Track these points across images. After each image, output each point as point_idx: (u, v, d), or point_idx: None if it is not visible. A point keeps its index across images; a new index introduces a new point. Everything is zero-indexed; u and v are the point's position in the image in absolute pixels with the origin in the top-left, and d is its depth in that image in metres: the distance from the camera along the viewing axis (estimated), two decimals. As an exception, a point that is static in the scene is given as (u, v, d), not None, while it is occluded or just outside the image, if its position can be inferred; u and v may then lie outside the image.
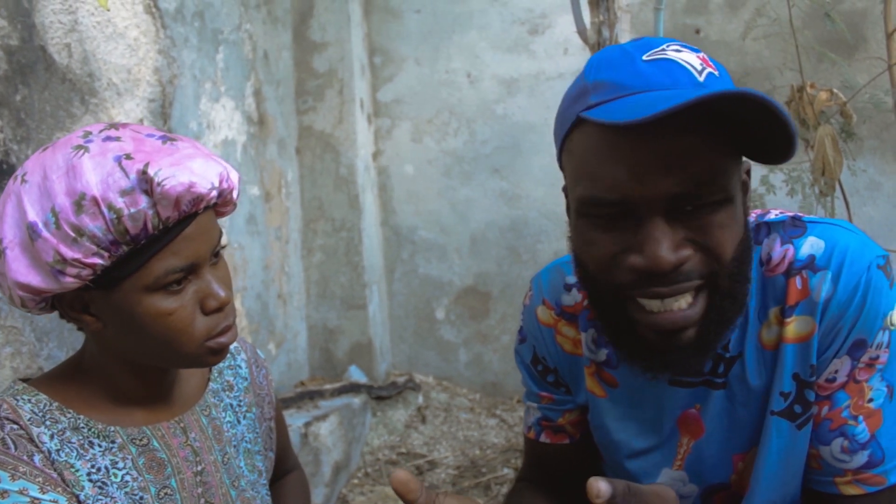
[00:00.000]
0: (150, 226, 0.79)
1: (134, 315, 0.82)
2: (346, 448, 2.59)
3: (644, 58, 0.77)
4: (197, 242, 0.83)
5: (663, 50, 0.78)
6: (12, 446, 0.81)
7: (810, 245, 0.85)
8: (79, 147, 0.80)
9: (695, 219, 0.76)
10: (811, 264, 0.84)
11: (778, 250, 0.87)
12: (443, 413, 3.02)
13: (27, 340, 1.36)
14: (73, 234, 0.77)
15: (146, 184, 0.77)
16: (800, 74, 2.02)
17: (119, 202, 0.77)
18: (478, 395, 3.16)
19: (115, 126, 0.84)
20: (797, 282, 0.84)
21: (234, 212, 1.01)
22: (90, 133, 0.82)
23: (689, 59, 0.78)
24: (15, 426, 0.82)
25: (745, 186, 0.83)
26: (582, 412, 1.06)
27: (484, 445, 2.80)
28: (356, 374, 2.91)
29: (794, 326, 0.84)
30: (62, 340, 1.45)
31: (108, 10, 1.65)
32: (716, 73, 0.78)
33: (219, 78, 2.27)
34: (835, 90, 1.98)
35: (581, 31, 2.02)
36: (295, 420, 2.40)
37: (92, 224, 0.77)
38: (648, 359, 0.83)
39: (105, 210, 0.76)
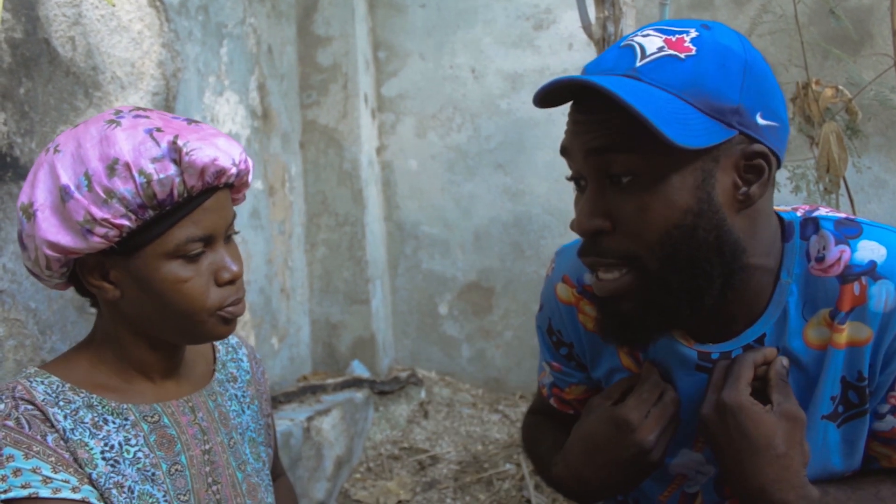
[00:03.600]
0: (175, 193, 0.84)
1: (152, 281, 0.87)
2: (348, 442, 2.59)
3: (621, 45, 0.84)
4: (215, 215, 0.89)
5: (635, 36, 0.83)
6: (26, 426, 0.84)
7: (870, 250, 0.84)
8: (111, 121, 0.86)
9: (620, 196, 0.81)
10: (872, 271, 0.83)
11: (833, 250, 0.86)
12: (445, 408, 3.03)
13: (30, 333, 1.36)
14: (103, 196, 0.83)
15: (175, 153, 0.84)
16: (805, 71, 2.01)
17: (150, 168, 0.83)
18: (480, 391, 3.16)
19: (142, 108, 0.91)
20: (855, 288, 0.84)
21: (241, 203, 1.04)
22: (121, 111, 0.89)
23: (650, 42, 0.81)
24: (30, 406, 0.86)
25: (741, 176, 0.82)
26: (588, 390, 1.08)
27: (486, 441, 2.81)
28: (359, 369, 2.92)
29: (847, 332, 0.84)
30: (65, 333, 1.45)
31: (114, 6, 1.65)
32: (681, 54, 0.79)
33: (223, 72, 2.27)
34: (840, 87, 1.97)
35: (586, 27, 2.02)
36: (297, 414, 2.41)
37: (123, 187, 0.82)
38: (603, 324, 0.90)
39: (136, 174, 0.83)
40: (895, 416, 0.86)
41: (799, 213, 0.91)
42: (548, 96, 0.83)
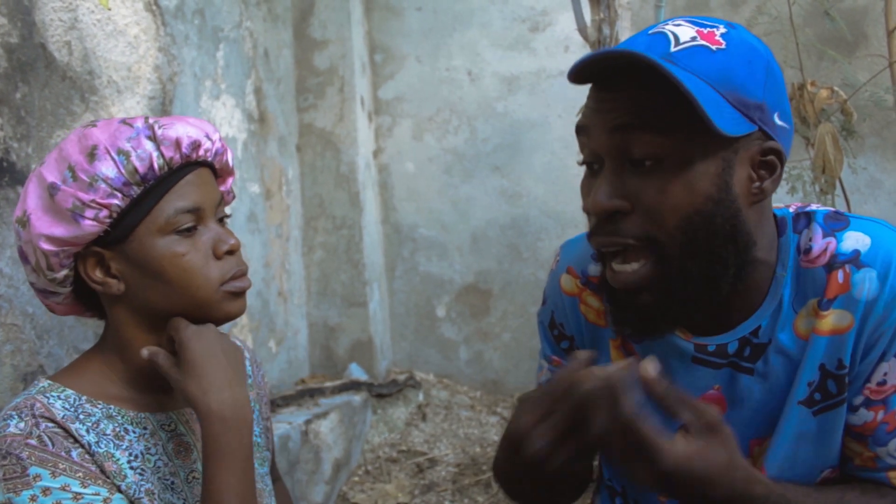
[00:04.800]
0: (156, 166, 0.88)
1: (151, 261, 0.89)
2: (346, 446, 2.59)
3: (650, 32, 0.84)
4: (200, 189, 0.92)
5: (665, 25, 0.84)
6: (49, 444, 0.84)
7: (855, 240, 0.86)
8: (88, 125, 0.91)
9: (641, 178, 0.81)
10: (855, 259, 0.84)
11: (819, 242, 0.87)
12: (443, 411, 3.03)
13: (27, 338, 1.36)
14: (88, 181, 0.86)
15: (149, 130, 0.88)
16: (800, 72, 2.02)
17: (127, 146, 0.87)
18: (478, 393, 3.17)
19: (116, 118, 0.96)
20: (839, 275, 0.85)
21: (234, 200, 1.05)
22: (96, 121, 0.93)
23: (683, 31, 0.82)
24: (50, 424, 0.85)
25: (755, 168, 0.83)
26: None
27: (484, 443, 2.81)
28: (357, 372, 2.91)
29: (830, 319, 0.85)
30: (62, 338, 1.45)
31: (109, 10, 1.65)
32: (713, 46, 0.81)
33: (219, 75, 2.27)
34: (835, 88, 1.98)
35: (581, 29, 2.02)
36: (295, 418, 2.41)
37: (105, 168, 0.86)
38: (618, 316, 0.89)
39: (115, 154, 0.86)
40: (868, 410, 0.86)
41: (791, 209, 0.92)
42: (584, 69, 0.83)
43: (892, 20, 1.90)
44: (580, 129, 0.86)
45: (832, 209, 0.91)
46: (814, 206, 0.92)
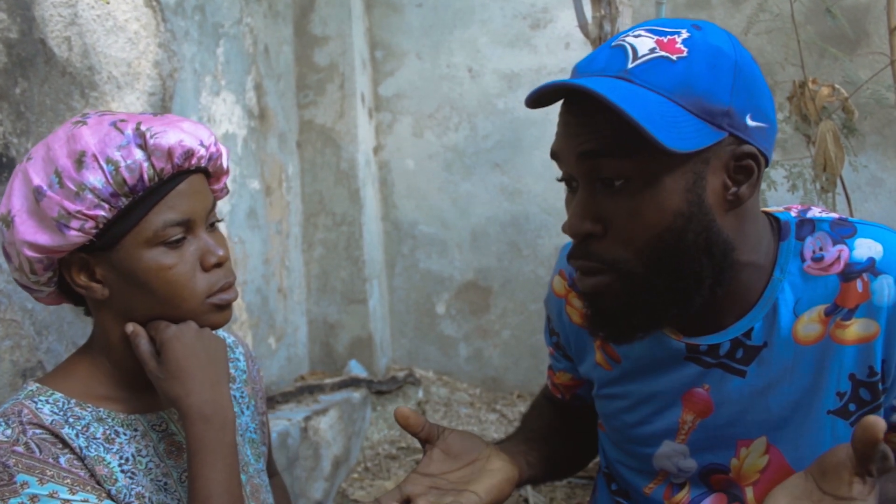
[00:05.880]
0: (146, 177, 0.84)
1: (136, 272, 0.86)
2: (345, 442, 2.59)
3: (612, 45, 0.84)
4: (191, 200, 0.89)
5: (626, 36, 0.83)
6: (37, 450, 0.83)
7: (867, 247, 0.86)
8: (78, 122, 0.88)
9: (612, 198, 0.81)
10: (871, 267, 0.85)
11: (831, 250, 0.87)
12: (443, 408, 3.02)
13: (26, 334, 1.36)
14: (75, 189, 0.83)
15: (140, 138, 0.84)
16: (802, 70, 2.01)
17: (116, 155, 0.83)
18: (478, 390, 3.17)
19: (110, 111, 0.92)
20: (857, 285, 0.85)
21: (227, 196, 1.04)
22: (88, 113, 0.90)
23: (642, 43, 0.81)
24: (38, 430, 0.84)
25: (730, 177, 0.83)
26: (574, 379, 1.14)
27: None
28: (356, 369, 2.91)
29: (855, 329, 0.85)
30: (61, 334, 1.45)
31: (108, 4, 1.64)
32: (673, 56, 0.79)
33: (219, 72, 2.27)
34: (836, 86, 1.97)
35: (582, 26, 2.02)
36: (295, 414, 2.41)
37: (92, 178, 0.83)
38: (591, 321, 0.90)
39: (104, 164, 0.83)
40: None
41: (793, 214, 0.92)
42: (540, 97, 0.84)
43: (893, 18, 1.90)
44: (554, 154, 0.87)
45: (835, 216, 0.91)
46: (815, 212, 0.92)
